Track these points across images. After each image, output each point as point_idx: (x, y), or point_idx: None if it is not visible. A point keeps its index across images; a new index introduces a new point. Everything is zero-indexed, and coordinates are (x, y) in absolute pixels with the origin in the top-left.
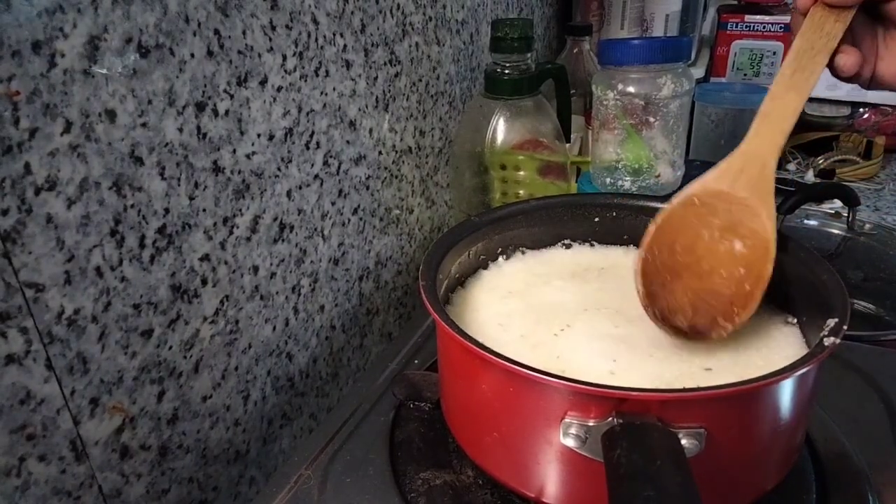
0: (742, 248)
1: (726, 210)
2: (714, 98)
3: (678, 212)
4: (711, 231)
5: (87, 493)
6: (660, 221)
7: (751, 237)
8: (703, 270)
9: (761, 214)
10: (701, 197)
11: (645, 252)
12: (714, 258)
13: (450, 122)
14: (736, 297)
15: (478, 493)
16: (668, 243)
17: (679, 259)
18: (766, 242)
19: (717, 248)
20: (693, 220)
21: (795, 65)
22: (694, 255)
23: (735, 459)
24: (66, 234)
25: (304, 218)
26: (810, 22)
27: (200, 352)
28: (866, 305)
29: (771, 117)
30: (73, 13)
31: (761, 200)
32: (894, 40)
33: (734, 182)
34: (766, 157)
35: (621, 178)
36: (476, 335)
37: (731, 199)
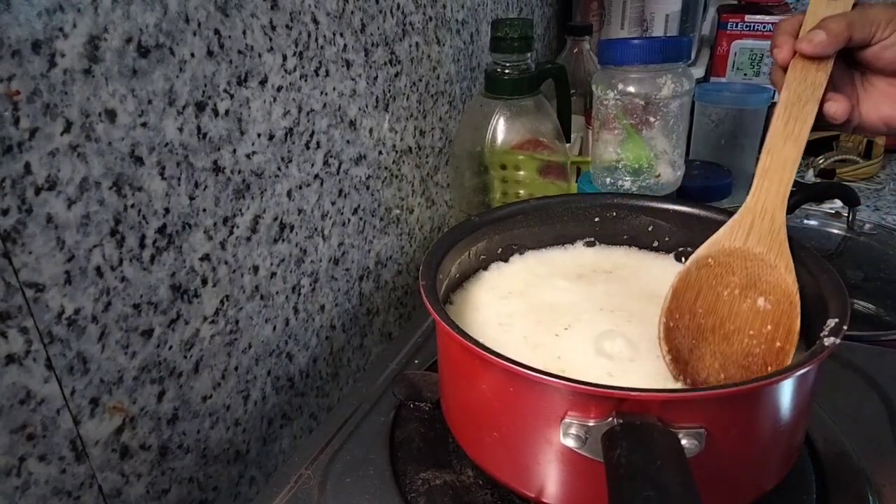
0: (766, 304)
1: (743, 267)
2: (714, 98)
3: (693, 273)
4: (731, 290)
5: (87, 493)
6: (676, 284)
7: (772, 292)
8: (728, 331)
9: (779, 267)
10: (715, 257)
11: (665, 318)
12: (738, 318)
13: (450, 122)
14: (768, 354)
15: (478, 493)
16: (688, 307)
17: (702, 322)
18: (789, 295)
19: (739, 307)
20: (711, 281)
21: (787, 116)
22: (717, 316)
23: (735, 459)
24: (67, 234)
25: (305, 218)
26: (793, 74)
27: (200, 352)
28: (866, 305)
29: (771, 171)
30: (73, 13)
31: (777, 253)
32: (871, 84)
33: (746, 238)
34: (774, 210)
35: (621, 178)
36: (476, 335)
37: (747, 256)
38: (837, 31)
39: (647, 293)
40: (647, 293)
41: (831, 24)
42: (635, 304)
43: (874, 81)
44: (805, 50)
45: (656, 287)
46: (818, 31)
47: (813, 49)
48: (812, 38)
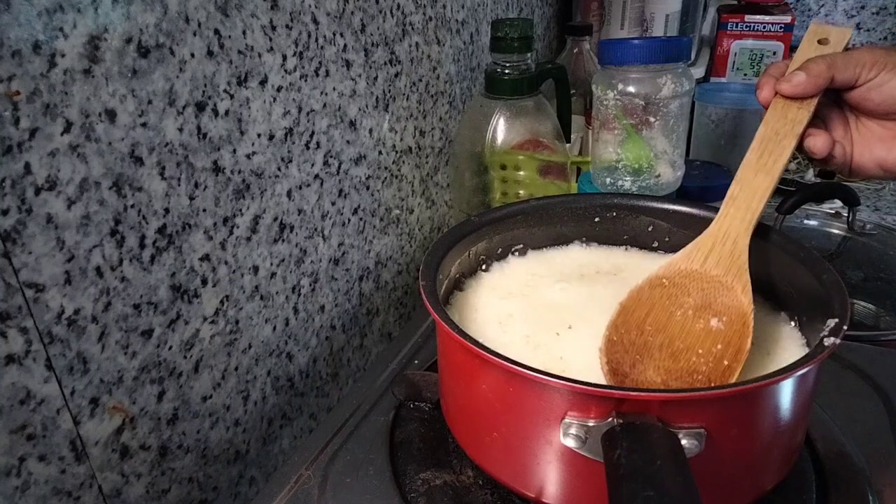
0: (719, 325)
1: (699, 289)
2: (714, 98)
3: (646, 292)
4: (684, 310)
5: (87, 493)
6: (626, 301)
7: (727, 313)
8: (677, 349)
9: (736, 289)
10: (671, 278)
11: (609, 332)
12: (689, 337)
13: (450, 122)
14: (714, 372)
15: (478, 494)
16: (635, 323)
17: (650, 339)
18: (743, 317)
19: (691, 326)
20: (664, 301)
21: (761, 150)
22: (667, 335)
23: (735, 459)
24: (66, 234)
25: (304, 218)
26: (773, 111)
27: (200, 352)
28: (866, 305)
29: (739, 199)
30: (73, 13)
31: (735, 276)
32: (865, 126)
33: (704, 261)
34: (737, 236)
35: (621, 178)
36: (476, 335)
37: (703, 278)
38: (818, 73)
39: None
40: None
41: (812, 64)
42: None
43: (867, 123)
44: (784, 90)
45: None
46: (799, 72)
47: (792, 90)
48: (791, 78)
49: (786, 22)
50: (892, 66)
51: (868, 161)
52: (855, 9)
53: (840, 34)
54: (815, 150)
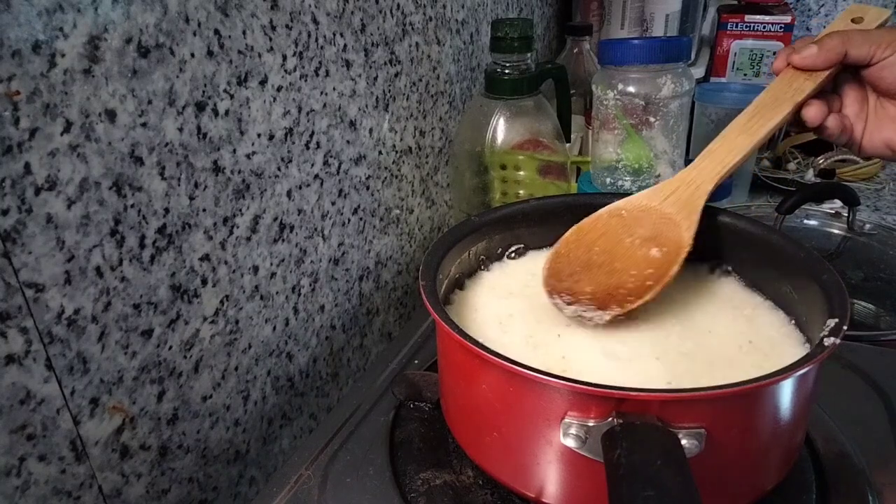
0: (657, 254)
1: (651, 223)
2: (714, 98)
3: (604, 219)
4: (633, 238)
5: (87, 493)
6: (583, 223)
7: (667, 244)
8: (614, 268)
9: (682, 226)
10: (630, 211)
11: (559, 245)
12: (629, 260)
13: (450, 122)
14: (636, 288)
15: (478, 494)
16: (586, 243)
17: (594, 258)
18: (679, 249)
19: (635, 253)
20: (617, 228)
21: (753, 113)
22: (610, 256)
23: (735, 459)
24: (66, 234)
25: (304, 218)
26: (780, 80)
27: (200, 352)
28: (866, 305)
29: (714, 153)
30: (73, 13)
31: (685, 216)
32: (882, 107)
33: (664, 200)
34: (702, 184)
35: (621, 178)
36: (476, 335)
37: (658, 214)
38: (831, 47)
39: None
40: None
41: (827, 39)
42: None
43: (885, 104)
44: (794, 61)
45: None
46: (812, 45)
47: (801, 60)
48: (803, 50)
49: (786, 22)
50: None
51: (878, 140)
52: None
53: (877, 14)
54: (807, 117)
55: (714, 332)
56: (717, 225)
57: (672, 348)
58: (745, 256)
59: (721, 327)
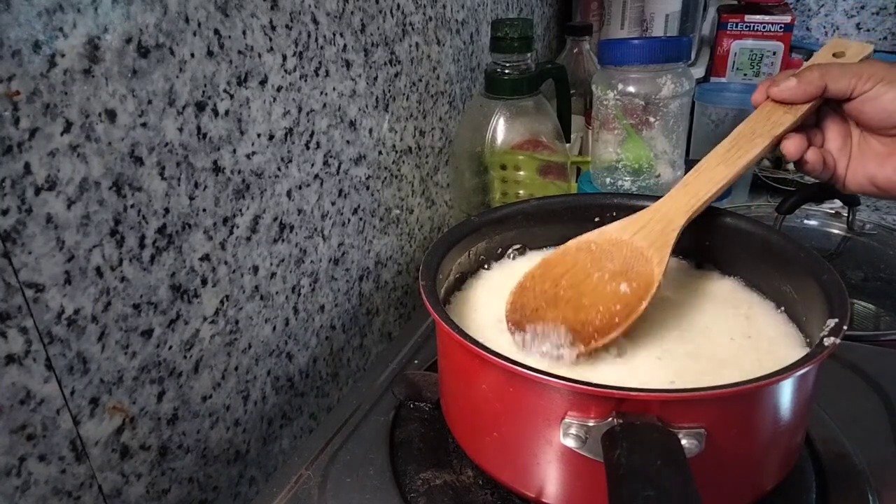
0: (626, 290)
1: (622, 257)
2: (714, 98)
3: (572, 252)
4: (602, 273)
5: (87, 493)
6: (550, 256)
7: (637, 280)
8: (581, 305)
9: (653, 260)
10: (599, 244)
11: (524, 279)
12: (597, 296)
13: (450, 122)
14: (602, 326)
15: (478, 494)
16: (552, 276)
17: (561, 293)
18: (649, 285)
19: (603, 288)
20: (586, 262)
21: (731, 144)
22: (578, 291)
23: (735, 459)
24: (66, 234)
25: (304, 218)
26: (759, 112)
27: (200, 352)
28: (866, 305)
29: (690, 186)
30: (73, 13)
31: (656, 250)
32: (866, 141)
33: (635, 233)
34: (674, 217)
35: (621, 178)
36: (476, 335)
37: (629, 248)
38: (809, 80)
39: None
40: None
41: (806, 72)
42: None
43: (868, 138)
44: (773, 93)
45: None
46: (791, 77)
47: (780, 93)
48: (781, 82)
49: (786, 22)
50: (889, 80)
51: (861, 176)
52: (855, 9)
53: (858, 49)
54: (786, 151)
55: (714, 332)
56: (717, 225)
57: (672, 348)
58: (745, 256)
59: (721, 327)
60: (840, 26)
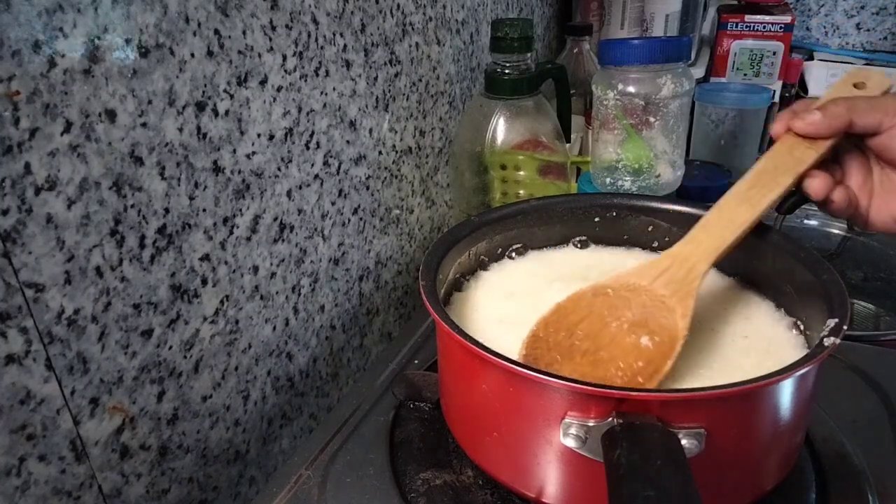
0: (648, 343)
1: (640, 305)
2: (714, 98)
3: (587, 298)
4: (620, 323)
5: (87, 493)
6: (564, 302)
7: (659, 333)
8: (599, 358)
9: (676, 311)
10: (616, 289)
11: (537, 327)
12: (616, 348)
13: (450, 122)
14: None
15: (478, 494)
16: (567, 325)
17: (577, 343)
18: (673, 340)
19: (622, 340)
20: (602, 310)
21: (753, 181)
22: (595, 343)
23: (735, 459)
24: (66, 234)
25: (304, 218)
26: (780, 145)
27: (200, 352)
28: (866, 305)
29: (711, 226)
30: (73, 13)
31: (679, 300)
32: (888, 178)
33: (655, 279)
34: (696, 262)
35: (621, 178)
36: (476, 335)
37: (648, 295)
38: (835, 114)
39: None
40: None
41: (832, 105)
42: None
43: (891, 175)
44: (796, 127)
45: None
46: (815, 111)
47: (805, 127)
48: (806, 116)
49: (786, 22)
50: None
51: (885, 214)
52: (855, 9)
53: (879, 80)
54: (811, 190)
55: (714, 332)
56: None
57: None
58: (745, 256)
59: (721, 327)
60: (840, 26)
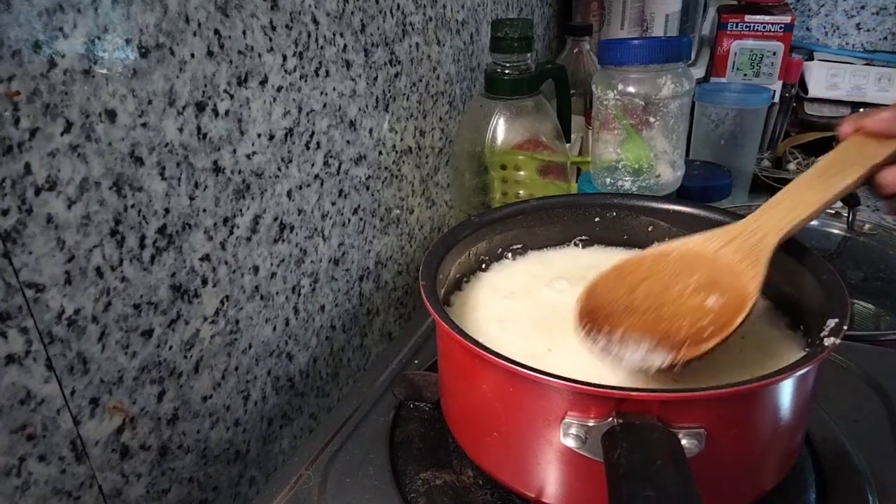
0: (715, 303)
1: (706, 271)
2: (714, 98)
3: (648, 262)
4: (685, 286)
5: (87, 493)
6: (624, 263)
7: (728, 293)
8: (662, 315)
9: (746, 275)
10: (680, 256)
11: (596, 281)
12: (680, 308)
13: (450, 122)
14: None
15: (478, 494)
16: (628, 283)
17: (637, 303)
18: (743, 299)
19: (686, 301)
20: (664, 274)
21: (822, 170)
22: (656, 301)
23: (735, 459)
24: (67, 234)
25: (305, 218)
26: (848, 143)
27: (200, 352)
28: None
29: (781, 205)
30: (73, 13)
31: (748, 265)
32: None
33: (721, 247)
34: (766, 234)
35: (621, 178)
36: (476, 335)
37: (715, 262)
38: None
39: None
40: None
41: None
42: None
43: None
44: (867, 125)
45: None
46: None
47: (875, 125)
48: (876, 115)
49: (786, 22)
50: None
51: None
52: (855, 9)
53: None
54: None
55: None
56: (716, 225)
57: None
58: None
59: None
60: (840, 26)
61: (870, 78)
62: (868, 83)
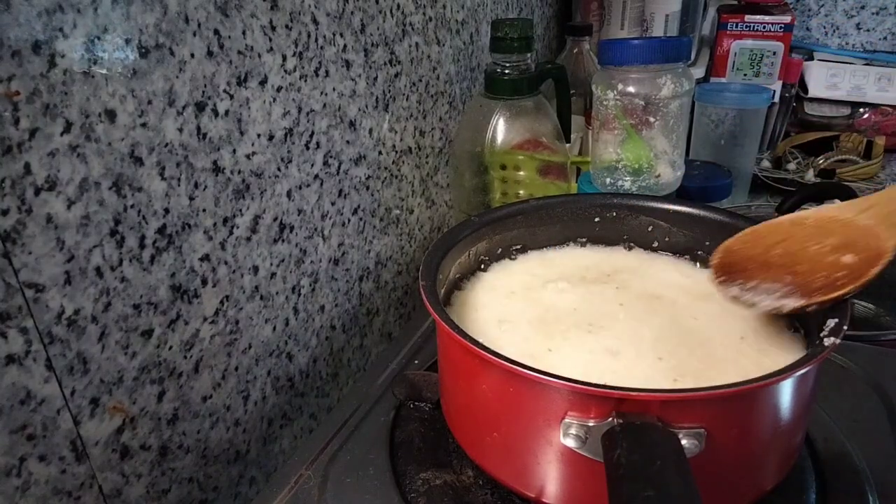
0: (849, 260)
1: (843, 234)
2: (714, 98)
3: (784, 226)
4: (821, 247)
5: (87, 493)
6: (759, 227)
7: (865, 251)
8: (796, 271)
9: (881, 236)
10: (816, 222)
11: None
12: (814, 264)
13: (450, 122)
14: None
15: (478, 494)
16: (764, 244)
17: (773, 259)
18: (879, 256)
19: (821, 259)
20: (800, 237)
21: None
22: (792, 259)
23: (735, 459)
24: (66, 235)
25: (304, 218)
26: None
27: (200, 352)
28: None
29: None
30: (73, 13)
31: (886, 227)
32: None
33: (859, 213)
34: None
35: (621, 178)
36: (476, 335)
37: (852, 226)
38: None
39: (647, 293)
40: (648, 293)
41: None
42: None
43: None
44: None
45: (656, 287)
46: None
47: None
48: None
49: (786, 22)
50: None
51: None
52: (855, 9)
53: None
54: None
55: (714, 332)
56: (717, 224)
57: (673, 348)
58: None
59: (721, 327)
60: (840, 26)
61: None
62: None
